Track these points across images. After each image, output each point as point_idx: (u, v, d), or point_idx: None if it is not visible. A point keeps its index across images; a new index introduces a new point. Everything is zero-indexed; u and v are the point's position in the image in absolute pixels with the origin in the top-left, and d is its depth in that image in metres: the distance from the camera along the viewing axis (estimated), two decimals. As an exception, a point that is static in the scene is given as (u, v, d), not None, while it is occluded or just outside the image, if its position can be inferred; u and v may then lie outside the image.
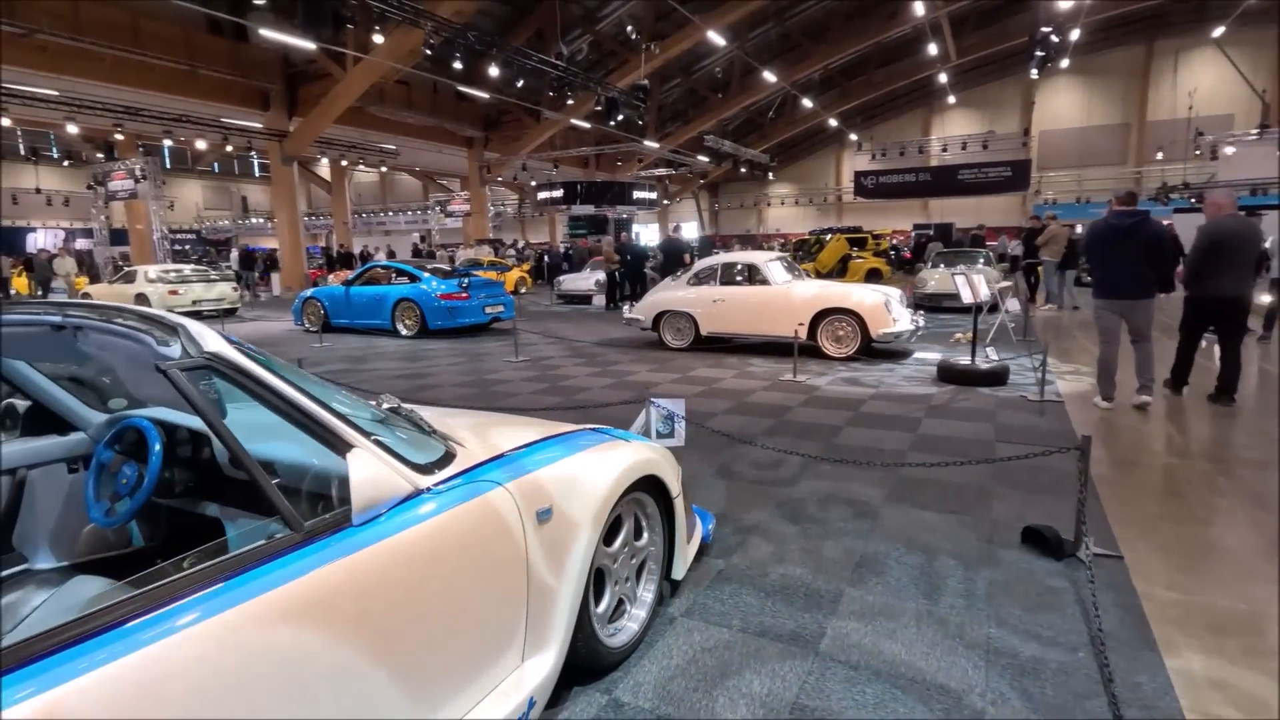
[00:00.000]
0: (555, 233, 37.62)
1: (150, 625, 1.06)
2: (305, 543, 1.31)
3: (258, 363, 1.40)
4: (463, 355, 9.03)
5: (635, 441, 2.46)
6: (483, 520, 1.66)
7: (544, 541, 1.85)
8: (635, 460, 2.25)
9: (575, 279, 17.43)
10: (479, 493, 1.69)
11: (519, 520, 1.77)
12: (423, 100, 23.43)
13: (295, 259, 22.46)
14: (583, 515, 1.97)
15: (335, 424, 1.44)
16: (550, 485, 1.91)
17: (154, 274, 14.81)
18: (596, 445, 2.22)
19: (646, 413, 4.19)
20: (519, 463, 1.89)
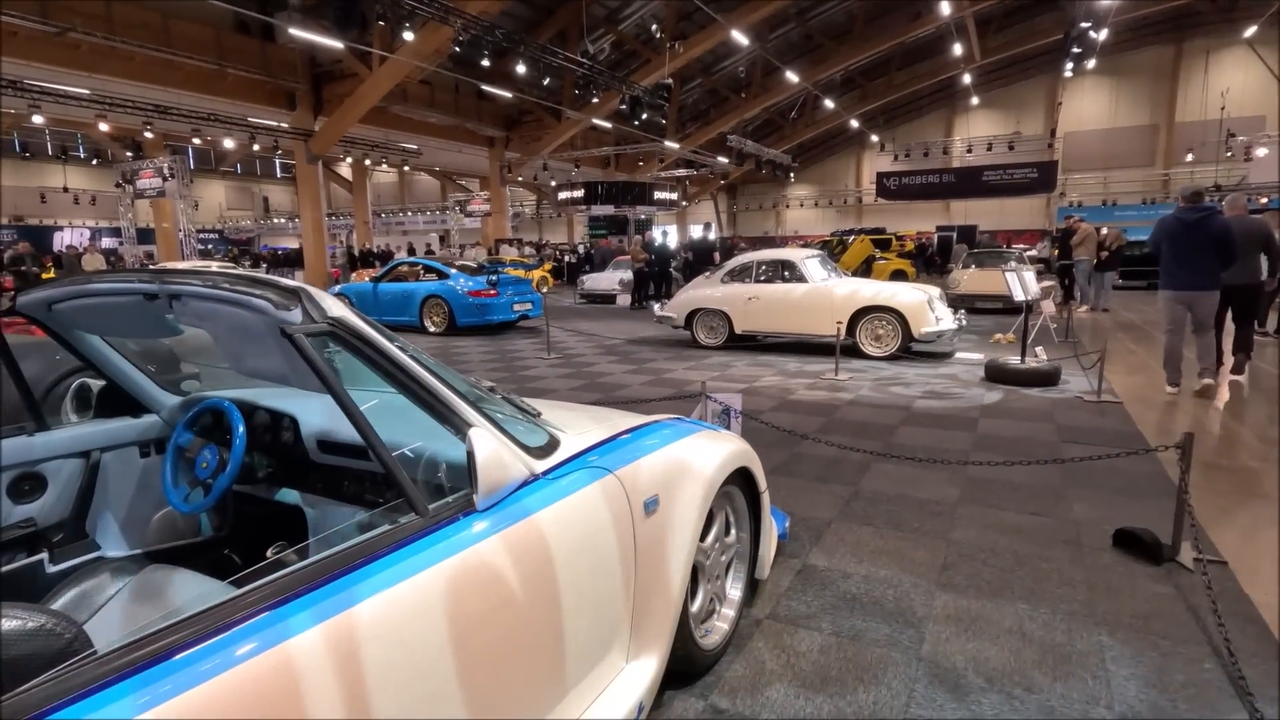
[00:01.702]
0: (574, 233, 37.61)
1: (267, 625, 0.95)
2: (431, 529, 1.20)
3: (383, 335, 1.29)
4: (494, 352, 8.95)
5: (723, 432, 2.33)
6: (595, 509, 1.55)
7: (651, 533, 1.72)
8: (735, 450, 2.13)
9: (598, 278, 17.33)
10: (590, 480, 1.57)
11: (628, 510, 1.65)
12: (445, 100, 23.47)
13: (319, 258, 22.53)
14: (687, 506, 1.85)
15: (456, 402, 1.33)
16: (656, 474, 1.79)
17: (181, 271, 14.86)
18: (695, 433, 2.10)
19: (702, 405, 4.06)
20: (624, 449, 1.77)
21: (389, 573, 1.09)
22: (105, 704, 0.78)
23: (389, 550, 1.12)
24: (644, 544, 1.70)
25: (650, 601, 1.72)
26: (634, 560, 1.66)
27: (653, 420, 2.20)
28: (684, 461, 1.90)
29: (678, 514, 1.82)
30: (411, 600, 1.09)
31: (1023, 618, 2.40)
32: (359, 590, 1.04)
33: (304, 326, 1.15)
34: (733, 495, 2.27)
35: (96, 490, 1.93)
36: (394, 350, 1.27)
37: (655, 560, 1.74)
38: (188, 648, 0.87)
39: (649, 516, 1.72)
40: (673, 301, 9.36)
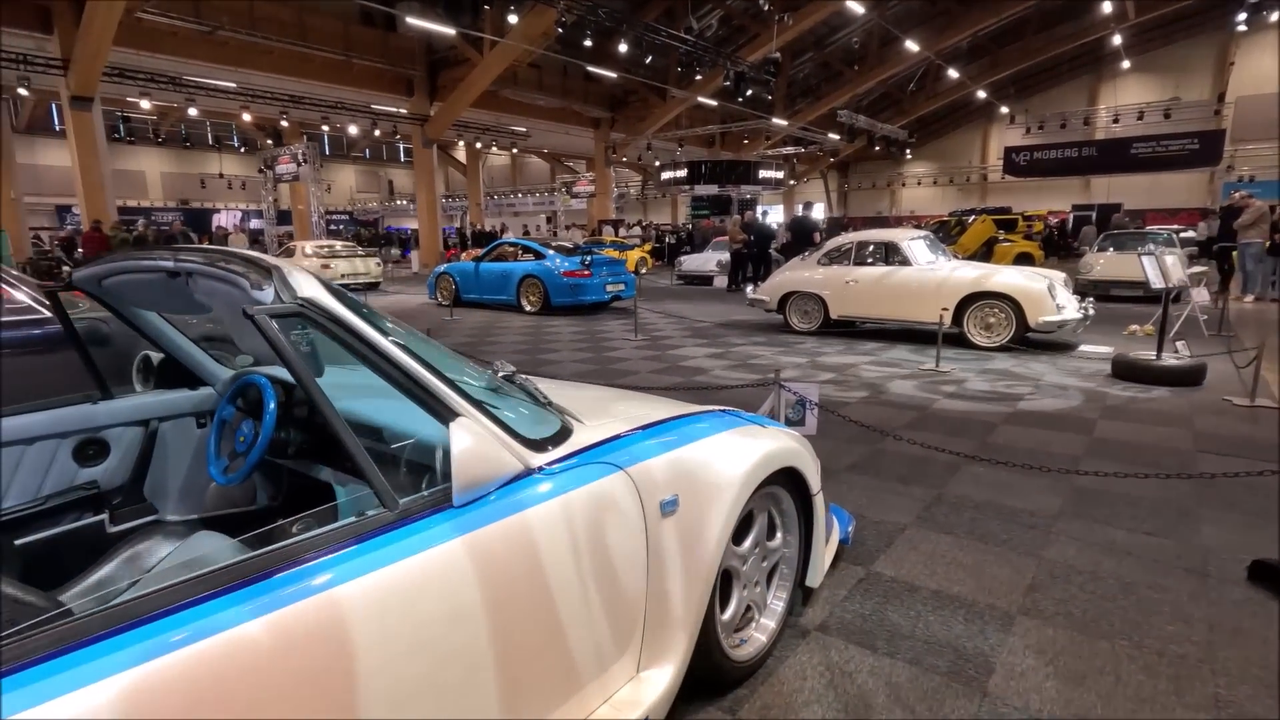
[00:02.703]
0: (678, 213, 37.39)
1: (197, 616, 0.91)
2: (398, 524, 1.14)
3: (360, 315, 1.23)
4: (583, 332, 9.02)
5: (771, 428, 2.15)
6: (600, 508, 1.44)
7: (667, 536, 1.60)
8: (774, 449, 1.95)
9: (696, 259, 17.11)
10: (596, 476, 1.46)
11: (639, 511, 1.53)
12: (553, 82, 23.85)
13: (432, 237, 23.70)
14: (714, 508, 1.71)
15: (439, 388, 1.25)
16: (677, 472, 1.66)
17: (310, 250, 16.04)
18: (731, 429, 1.94)
19: (775, 397, 3.85)
20: (643, 444, 1.65)
21: (344, 568, 1.04)
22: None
23: (345, 545, 1.07)
24: (659, 547, 1.58)
25: (666, 608, 1.60)
26: (646, 564, 1.55)
27: (696, 412, 2.06)
28: (712, 460, 1.76)
29: (702, 516, 1.68)
30: (368, 598, 1.03)
31: (1120, 657, 2.08)
32: (307, 586, 0.99)
33: (269, 307, 1.11)
34: (778, 497, 2.09)
35: (155, 457, 2.03)
36: (371, 333, 1.21)
37: (673, 565, 1.61)
38: (107, 636, 0.85)
39: (666, 518, 1.59)
40: (766, 284, 9.05)
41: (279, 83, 19.07)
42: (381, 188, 49.29)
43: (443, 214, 39.29)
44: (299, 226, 26.40)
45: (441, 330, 9.28)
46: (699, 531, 1.67)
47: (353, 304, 1.26)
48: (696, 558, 1.66)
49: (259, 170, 24.93)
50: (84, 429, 1.91)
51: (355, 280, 15.53)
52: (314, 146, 22.37)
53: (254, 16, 17.11)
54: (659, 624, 1.60)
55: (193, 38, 16.40)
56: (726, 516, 1.73)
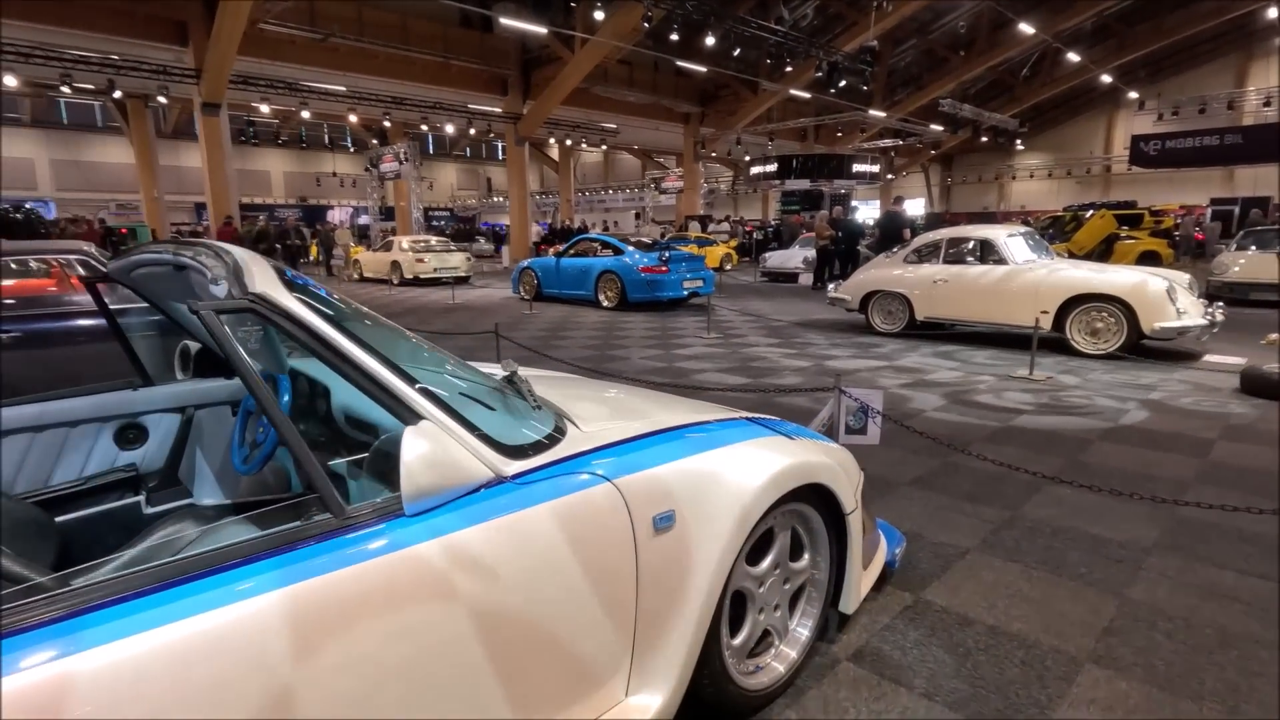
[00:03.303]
0: (768, 209, 36.67)
1: (113, 617, 0.89)
2: (340, 531, 1.09)
3: (322, 313, 1.19)
4: (656, 328, 8.94)
5: (803, 439, 1.99)
6: (578, 522, 1.34)
7: (661, 553, 1.49)
8: (796, 463, 1.79)
9: (781, 256, 16.67)
10: (578, 487, 1.37)
11: (628, 525, 1.43)
12: (643, 78, 23.89)
13: (522, 233, 24.31)
14: (718, 525, 1.58)
15: (401, 389, 1.20)
16: (676, 484, 1.54)
17: (406, 244, 16.82)
18: (748, 440, 1.80)
19: (835, 403, 3.62)
20: (641, 453, 1.54)
21: (271, 575, 1.00)
22: None
23: (280, 550, 1.03)
24: (651, 565, 1.47)
25: (659, 630, 1.49)
26: (635, 583, 1.44)
27: (716, 419, 1.93)
28: (721, 472, 1.62)
29: (704, 533, 1.56)
30: (295, 608, 0.99)
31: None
32: (230, 591, 0.96)
33: (216, 303, 1.08)
34: (805, 515, 1.93)
35: (190, 443, 2.12)
36: (329, 332, 1.17)
37: (667, 585, 1.50)
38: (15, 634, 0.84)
39: (661, 534, 1.48)
40: (848, 282, 8.65)
41: (383, 85, 20.06)
42: (480, 185, 51.14)
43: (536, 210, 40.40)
44: (400, 222, 27.76)
45: (519, 324, 9.46)
46: (700, 550, 1.55)
47: (317, 300, 1.22)
48: (697, 578, 1.54)
49: (365, 169, 26.44)
50: (124, 414, 2.00)
51: (447, 274, 16.15)
52: (415, 145, 23.44)
53: (362, 23, 18.09)
54: (651, 647, 1.49)
55: (307, 45, 17.51)
56: (734, 534, 1.60)
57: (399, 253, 16.48)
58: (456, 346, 7.45)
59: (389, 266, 16.54)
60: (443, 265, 16.29)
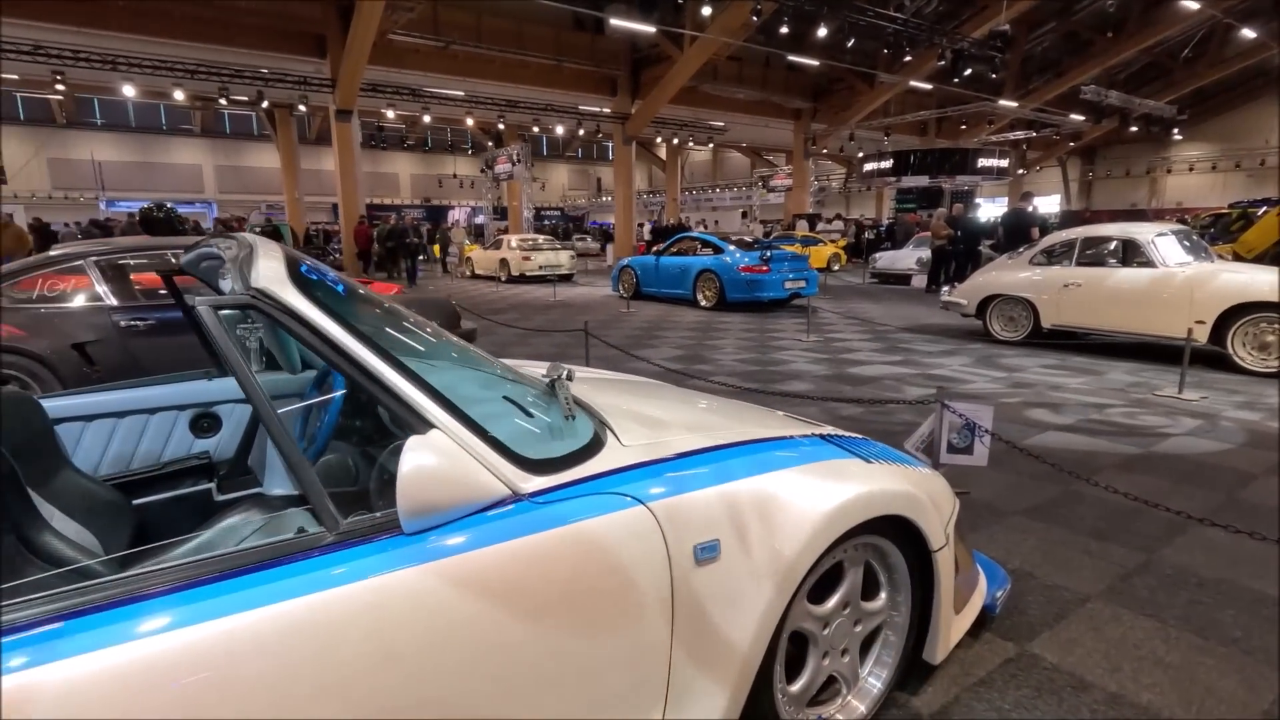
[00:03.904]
0: (883, 207, 35.04)
1: (97, 625, 0.84)
2: (333, 547, 1.01)
3: (331, 310, 1.12)
4: (753, 330, 8.66)
5: (884, 463, 1.75)
6: (602, 549, 1.21)
7: (703, 587, 1.32)
8: (870, 491, 1.57)
9: (893, 256, 15.80)
10: (606, 509, 1.23)
11: (663, 554, 1.27)
12: (753, 74, 23.43)
13: (627, 232, 24.50)
14: (772, 557, 1.39)
15: (410, 394, 1.11)
16: (723, 510, 1.37)
17: (515, 243, 17.37)
18: (816, 462, 1.59)
19: (936, 418, 3.28)
20: (684, 473, 1.39)
21: (262, 591, 0.93)
22: None
23: (271, 564, 0.96)
24: (691, 600, 1.31)
25: (699, 672, 1.33)
26: (670, 619, 1.29)
27: (781, 436, 1.73)
28: (775, 498, 1.43)
29: (755, 566, 1.38)
30: (275, 627, 0.92)
31: None
32: (209, 606, 0.90)
33: (214, 299, 1.03)
34: (882, 550, 1.70)
35: (260, 433, 2.16)
36: (332, 330, 1.09)
37: (710, 622, 1.33)
38: None
39: (702, 565, 1.32)
40: (965, 284, 7.99)
41: (498, 89, 20.82)
42: (590, 185, 52.21)
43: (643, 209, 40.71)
44: (512, 221, 28.77)
45: (613, 323, 9.46)
46: (750, 585, 1.37)
47: (329, 298, 1.15)
48: (745, 615, 1.36)
49: (481, 170, 27.61)
50: (200, 403, 2.07)
51: (551, 271, 16.53)
52: (527, 147, 24.20)
53: (481, 29, 18.84)
54: (688, 690, 1.33)
55: (430, 53, 18.44)
56: (791, 569, 1.41)
57: (507, 251, 17.04)
58: (548, 343, 7.53)
59: (498, 264, 17.13)
60: (548, 263, 16.68)
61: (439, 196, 43.53)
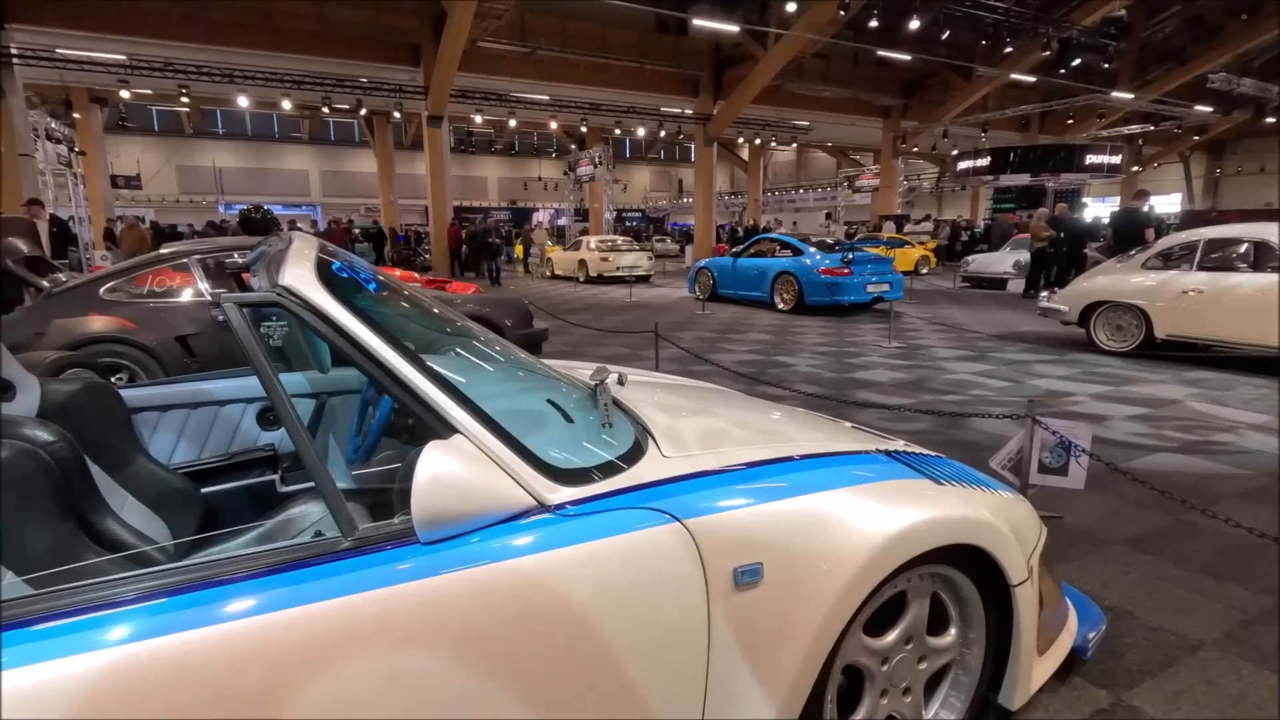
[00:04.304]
0: (978, 208, 33.32)
1: (104, 624, 0.83)
2: (348, 553, 0.98)
3: (357, 309, 1.09)
4: (831, 335, 8.36)
5: (957, 486, 1.59)
6: (631, 566, 1.13)
7: (742, 613, 1.22)
8: (939, 517, 1.42)
9: (988, 259, 14.94)
10: (634, 525, 1.15)
11: (699, 576, 1.18)
12: (840, 72, 22.77)
13: (706, 233, 24.33)
14: (822, 585, 1.28)
15: (434, 397, 1.07)
16: (768, 531, 1.26)
17: (594, 244, 17.56)
18: (877, 481, 1.46)
19: (1025, 434, 3.02)
20: (727, 489, 1.29)
21: (271, 595, 0.91)
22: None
23: (274, 571, 0.94)
24: (728, 627, 1.21)
25: (736, 704, 1.23)
26: (706, 646, 1.20)
27: (842, 452, 1.60)
28: (828, 520, 1.31)
29: (802, 593, 1.26)
30: (288, 633, 0.89)
31: None
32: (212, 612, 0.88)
33: (240, 295, 1.02)
34: (953, 581, 1.54)
35: (322, 428, 2.21)
36: (356, 329, 1.07)
37: (750, 652, 1.23)
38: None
39: (743, 590, 1.22)
40: (1067, 289, 7.42)
41: (582, 93, 21.14)
42: (672, 186, 52.27)
43: (724, 210, 40.37)
44: (593, 222, 29.14)
45: (687, 324, 9.36)
46: (796, 613, 1.26)
47: (358, 297, 1.13)
48: (790, 646, 1.26)
49: (563, 173, 28.11)
50: (266, 397, 2.14)
51: (629, 272, 16.61)
52: (609, 149, 24.44)
53: (566, 35, 19.18)
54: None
55: (516, 59, 18.93)
56: (843, 598, 1.29)
57: (585, 252, 17.24)
58: (621, 344, 7.52)
59: (576, 265, 17.36)
60: (625, 264, 16.75)
61: (524, 199, 44.65)
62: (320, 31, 16.35)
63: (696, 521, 1.20)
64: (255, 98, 19.94)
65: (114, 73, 16.40)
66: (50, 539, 1.28)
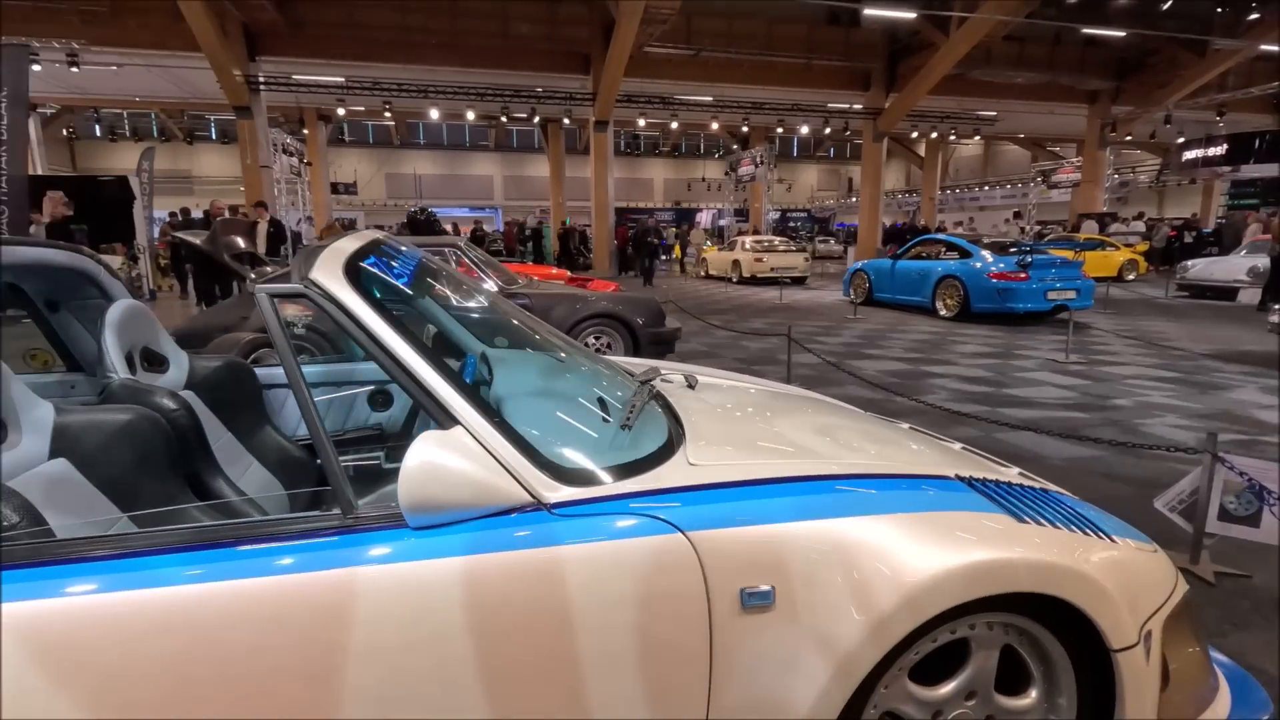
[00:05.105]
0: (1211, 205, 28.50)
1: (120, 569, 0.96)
2: (342, 530, 1.04)
3: (379, 303, 1.16)
4: (995, 346, 7.56)
5: (1045, 527, 1.36)
6: (623, 575, 1.09)
7: (749, 640, 1.14)
8: (1009, 559, 1.23)
9: (1213, 265, 12.72)
10: (632, 533, 1.11)
11: (700, 593, 1.12)
12: (1037, 54, 20.51)
13: (871, 233, 23.08)
14: (849, 618, 1.15)
15: (439, 389, 1.11)
16: (786, 552, 1.16)
17: (748, 244, 17.34)
18: (934, 511, 1.29)
19: (1203, 472, 2.53)
20: (748, 503, 1.21)
21: (258, 563, 1.00)
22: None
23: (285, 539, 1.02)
24: (733, 652, 1.13)
25: (738, 737, 1.15)
26: (708, 671, 1.13)
27: (906, 475, 1.44)
28: (863, 548, 1.18)
29: (821, 623, 1.15)
30: (269, 600, 0.98)
31: None
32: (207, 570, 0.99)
33: (271, 285, 1.12)
34: (1036, 637, 1.33)
35: (421, 412, 2.38)
36: (371, 322, 1.12)
37: (755, 681, 1.14)
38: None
39: (750, 613, 1.13)
40: (1309, 304, 6.12)
41: (744, 92, 20.94)
42: (840, 185, 50.20)
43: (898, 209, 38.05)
44: (753, 222, 28.79)
45: (834, 329, 8.94)
46: (811, 646, 1.15)
47: (383, 293, 1.20)
48: (802, 682, 1.15)
49: (725, 173, 28.05)
50: (377, 381, 2.35)
51: (783, 273, 16.22)
52: (771, 148, 24.03)
53: (731, 34, 19.11)
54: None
55: (681, 61, 19.17)
56: (870, 637, 1.15)
57: (740, 252, 17.07)
58: (758, 347, 7.35)
59: (730, 265, 17.24)
60: (780, 265, 16.36)
61: (688, 199, 45.12)
62: (502, 46, 17.68)
63: (703, 534, 1.13)
64: (445, 110, 21.98)
65: (333, 93, 18.88)
66: (160, 490, 1.50)
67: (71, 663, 0.92)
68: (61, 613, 0.93)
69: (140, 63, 17.05)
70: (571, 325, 5.52)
